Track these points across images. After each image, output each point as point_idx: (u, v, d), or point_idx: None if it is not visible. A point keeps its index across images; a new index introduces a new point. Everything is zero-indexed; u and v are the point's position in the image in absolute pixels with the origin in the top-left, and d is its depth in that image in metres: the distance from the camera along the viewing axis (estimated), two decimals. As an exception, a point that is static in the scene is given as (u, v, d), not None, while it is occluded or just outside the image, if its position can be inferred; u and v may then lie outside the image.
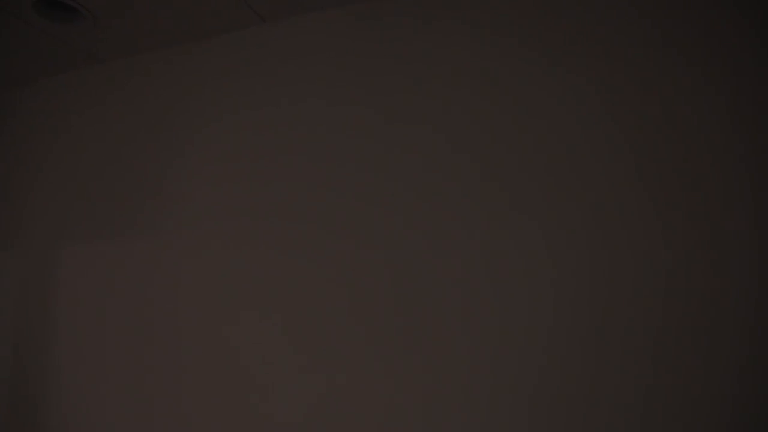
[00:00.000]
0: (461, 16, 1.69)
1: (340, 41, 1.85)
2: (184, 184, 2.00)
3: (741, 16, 1.38)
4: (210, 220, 1.92)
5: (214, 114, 2.00)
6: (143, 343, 1.95)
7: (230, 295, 1.84)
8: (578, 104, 1.51)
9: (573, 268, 1.44)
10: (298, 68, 1.89)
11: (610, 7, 1.52)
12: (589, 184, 1.46)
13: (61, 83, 2.36)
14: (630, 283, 1.38)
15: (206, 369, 1.84)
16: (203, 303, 1.88)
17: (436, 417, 1.51)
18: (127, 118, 2.17)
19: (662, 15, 1.46)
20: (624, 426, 1.33)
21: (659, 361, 1.33)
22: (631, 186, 1.42)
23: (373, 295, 1.64)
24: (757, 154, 1.32)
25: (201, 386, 1.83)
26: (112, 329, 2.02)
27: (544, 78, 1.56)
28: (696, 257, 1.34)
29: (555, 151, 1.51)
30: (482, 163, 1.58)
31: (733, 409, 1.26)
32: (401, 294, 1.61)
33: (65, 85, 2.34)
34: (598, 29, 1.52)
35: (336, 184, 1.76)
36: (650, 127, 1.43)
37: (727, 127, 1.36)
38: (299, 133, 1.84)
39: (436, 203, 1.62)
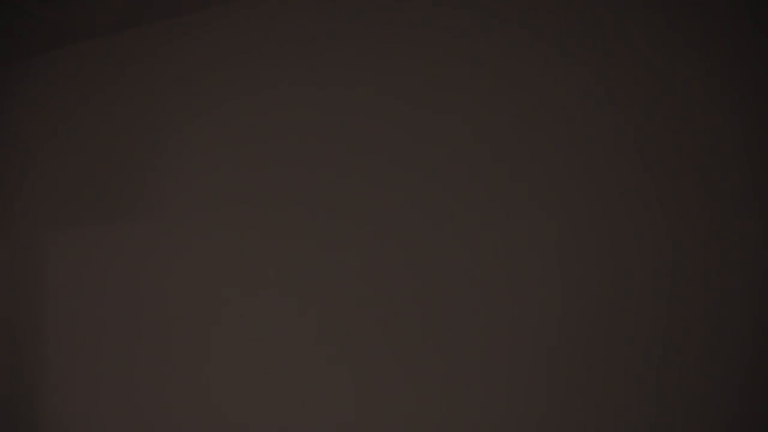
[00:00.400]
0: (470, 4, 1.63)
1: (347, 23, 1.77)
2: (178, 171, 1.94)
3: (749, 13, 1.36)
4: (206, 206, 1.88)
5: (211, 97, 1.92)
6: (137, 331, 1.93)
7: (228, 285, 1.81)
8: (585, 100, 1.49)
9: (581, 266, 1.45)
10: (302, 49, 1.82)
11: (620, 3, 1.48)
12: (595, 182, 1.46)
13: (41, 65, 2.24)
14: (636, 280, 1.40)
15: (202, 362, 1.83)
16: (198, 292, 1.85)
17: (451, 408, 1.53)
18: (118, 101, 2.08)
19: (671, 10, 1.44)
20: (629, 420, 1.37)
21: (665, 358, 1.36)
22: (638, 183, 1.42)
23: (375, 287, 1.64)
24: (762, 151, 1.33)
25: (195, 378, 1.83)
26: (105, 317, 2.00)
27: (551, 71, 1.53)
28: (701, 254, 1.35)
29: (562, 148, 1.50)
30: (488, 154, 1.56)
31: (737, 406, 1.29)
32: (408, 285, 1.60)
33: (47, 66, 2.23)
34: (609, 24, 1.49)
35: (340, 172, 1.72)
36: (657, 124, 1.42)
37: (733, 124, 1.36)
38: (297, 120, 1.79)
39: (443, 194, 1.60)
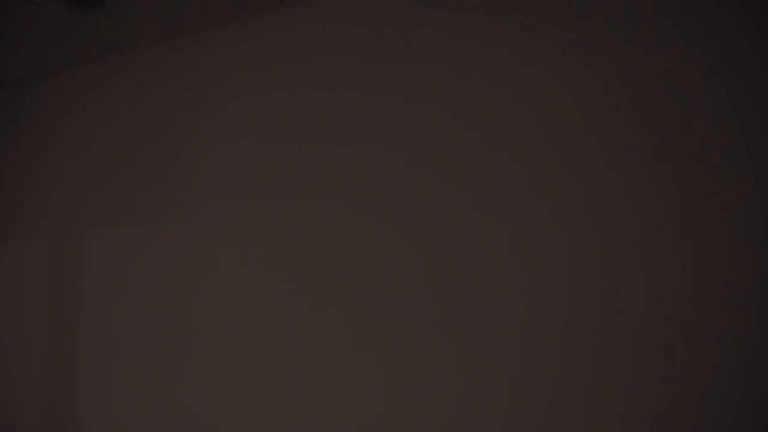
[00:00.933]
0: (477, 6, 1.67)
1: (357, 27, 1.84)
2: (205, 171, 2.02)
3: (749, 12, 1.36)
4: (231, 207, 1.95)
5: (233, 101, 2.01)
6: (165, 330, 2.01)
7: (253, 282, 1.87)
8: (590, 100, 1.49)
9: (587, 266, 1.45)
10: (316, 54, 1.89)
11: (621, 2, 1.50)
12: (602, 182, 1.46)
13: (81, 73, 2.39)
14: (641, 279, 1.39)
15: (228, 358, 1.88)
16: (226, 290, 1.92)
17: (463, 404, 1.54)
18: (147, 107, 2.20)
19: (674, 9, 1.44)
20: (637, 417, 1.36)
21: (670, 357, 1.34)
22: (642, 183, 1.41)
23: (390, 286, 1.66)
24: (765, 150, 1.31)
25: (223, 374, 1.88)
26: (137, 314, 2.08)
27: (557, 71, 1.54)
28: (705, 253, 1.34)
29: (569, 149, 1.50)
30: (497, 154, 1.58)
31: (741, 405, 1.27)
32: (421, 284, 1.63)
33: (86, 75, 2.38)
34: (611, 22, 1.50)
35: (357, 170, 1.76)
36: (661, 123, 1.41)
37: (737, 124, 1.35)
38: (318, 119, 1.85)
39: (456, 194, 1.62)
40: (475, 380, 1.52)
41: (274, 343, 1.79)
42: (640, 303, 1.38)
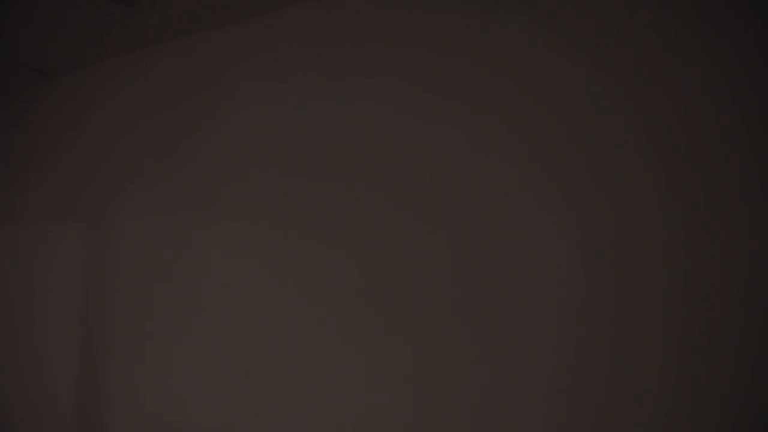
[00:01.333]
0: (488, 3, 1.69)
1: (381, 20, 1.87)
2: (235, 162, 2.07)
3: (759, 11, 1.35)
4: (264, 197, 1.98)
5: (265, 93, 2.05)
6: (197, 315, 2.07)
7: (285, 270, 1.90)
8: (597, 98, 1.49)
9: (600, 264, 1.44)
10: (339, 47, 1.93)
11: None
12: (615, 181, 1.46)
13: (116, 63, 2.47)
14: (650, 281, 1.38)
15: (258, 345, 1.92)
16: (261, 281, 1.95)
17: (488, 396, 1.56)
18: (178, 98, 2.25)
19: (679, 7, 1.43)
20: (645, 417, 1.36)
21: (680, 356, 1.34)
22: (652, 184, 1.41)
23: (420, 274, 1.69)
24: None
25: (259, 366, 1.92)
26: (162, 300, 2.14)
27: (563, 68, 1.55)
28: (715, 255, 1.32)
29: (583, 146, 1.51)
30: (520, 151, 1.59)
31: (745, 405, 1.26)
32: (448, 274, 1.65)
33: (120, 65, 2.45)
34: (619, 19, 1.50)
35: (386, 161, 1.78)
36: (669, 122, 1.41)
37: (743, 124, 1.33)
38: (346, 112, 1.88)
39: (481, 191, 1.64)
40: (498, 369, 1.53)
41: (307, 333, 1.81)
42: (650, 300, 1.38)
